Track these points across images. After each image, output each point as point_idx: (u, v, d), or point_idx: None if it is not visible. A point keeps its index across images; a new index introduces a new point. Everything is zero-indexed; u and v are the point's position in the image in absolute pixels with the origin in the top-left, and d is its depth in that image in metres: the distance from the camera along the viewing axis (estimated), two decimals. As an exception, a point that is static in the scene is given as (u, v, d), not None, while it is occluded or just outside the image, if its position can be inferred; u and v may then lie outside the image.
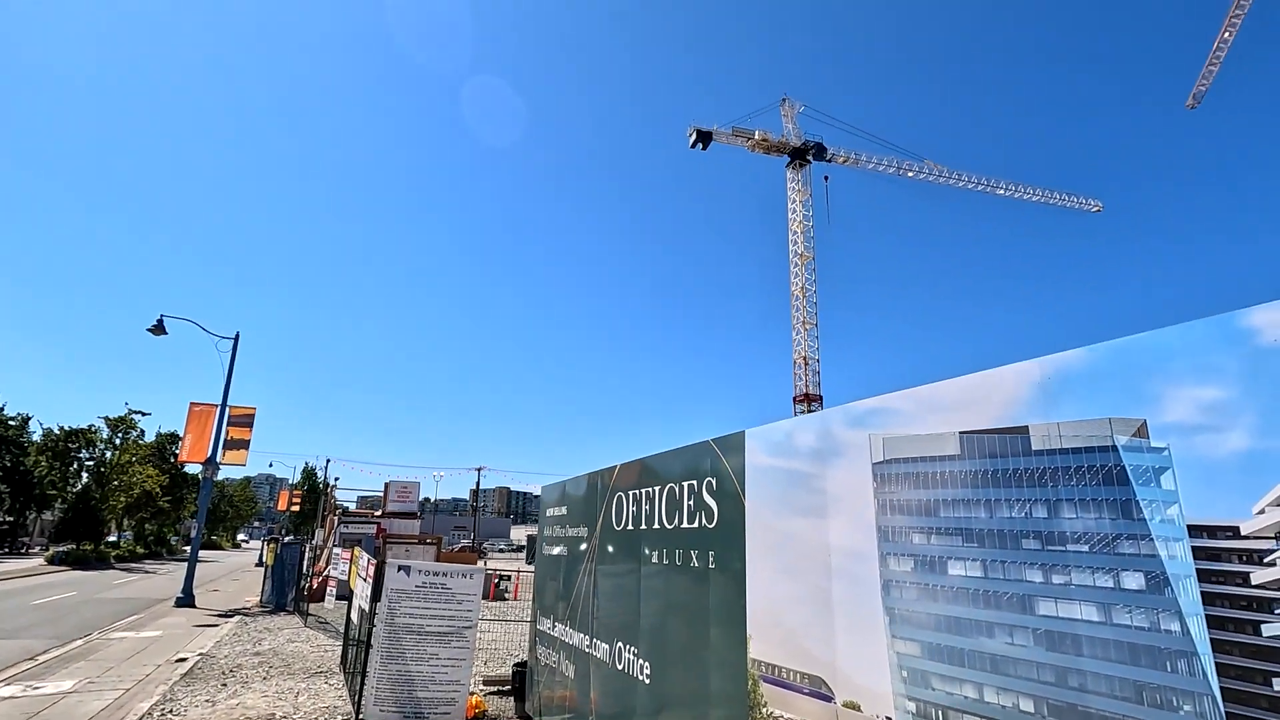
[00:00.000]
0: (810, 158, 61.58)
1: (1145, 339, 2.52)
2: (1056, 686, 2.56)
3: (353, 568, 12.04)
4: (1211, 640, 2.19)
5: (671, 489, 5.84)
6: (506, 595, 28.63)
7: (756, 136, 60.24)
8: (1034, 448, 2.80)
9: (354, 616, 11.32)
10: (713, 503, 5.15)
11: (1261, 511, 2.10)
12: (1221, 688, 2.14)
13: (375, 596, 9.14)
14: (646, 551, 6.10)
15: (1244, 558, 2.12)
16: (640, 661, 5.95)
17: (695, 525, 5.34)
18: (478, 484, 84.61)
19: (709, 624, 4.89)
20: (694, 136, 59.47)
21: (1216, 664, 2.16)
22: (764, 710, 4.15)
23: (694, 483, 5.48)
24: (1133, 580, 2.39)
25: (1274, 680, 2.04)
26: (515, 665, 10.64)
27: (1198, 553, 2.24)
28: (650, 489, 6.27)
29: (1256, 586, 2.11)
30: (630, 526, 6.61)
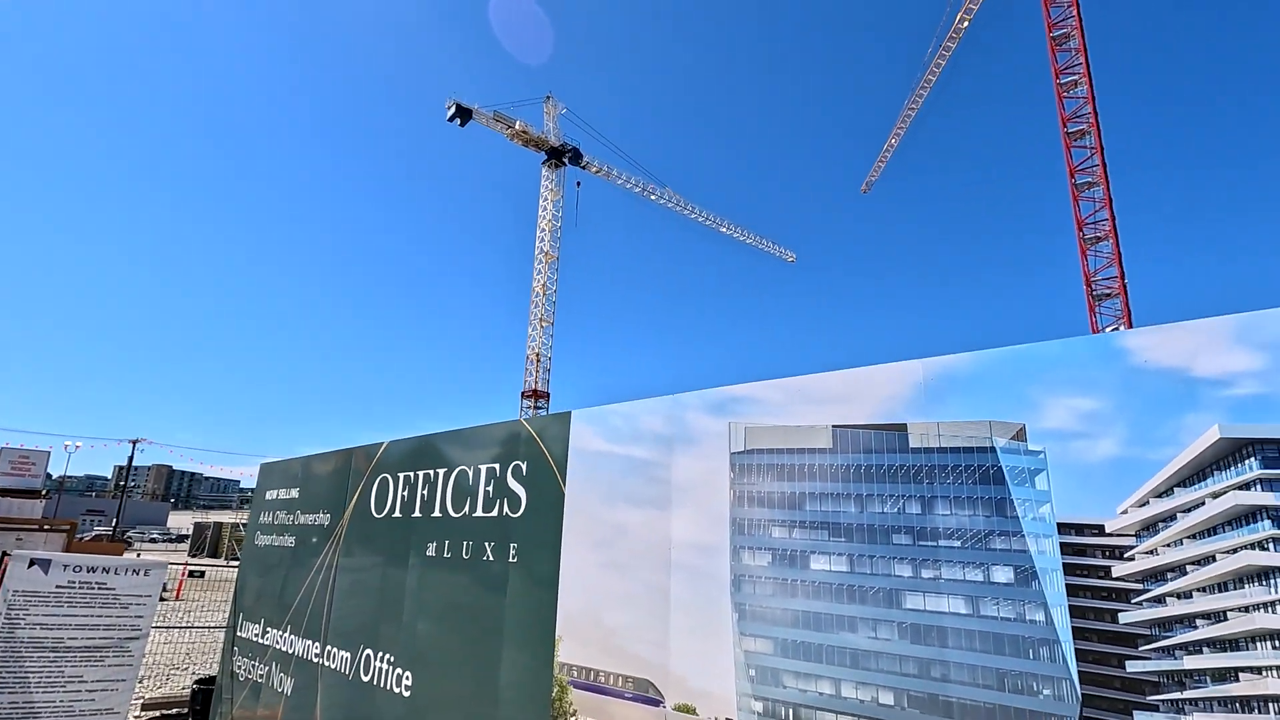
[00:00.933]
0: (566, 160, 62.78)
1: (1029, 349, 2.72)
2: (919, 678, 2.64)
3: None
4: (1073, 629, 2.40)
5: (462, 472, 5.12)
6: (166, 596, 23.81)
7: (517, 126, 59.62)
8: (912, 445, 2.88)
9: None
10: (520, 489, 4.60)
11: (1125, 511, 2.35)
12: (1080, 672, 2.35)
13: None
14: (420, 543, 5.27)
15: (1107, 553, 2.37)
16: (398, 671, 5.10)
17: (494, 514, 4.73)
18: (130, 459, 69.61)
19: (503, 625, 4.33)
20: (453, 110, 56.64)
21: (1076, 650, 2.37)
22: (571, 718, 3.76)
23: (495, 466, 4.86)
24: (1002, 574, 2.55)
25: (1127, 663, 2.29)
26: (196, 683, 8.64)
27: (1065, 548, 2.45)
28: (430, 472, 5.45)
29: (1117, 579, 2.35)
30: (398, 514, 5.69)
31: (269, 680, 6.70)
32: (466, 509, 4.98)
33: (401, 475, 5.81)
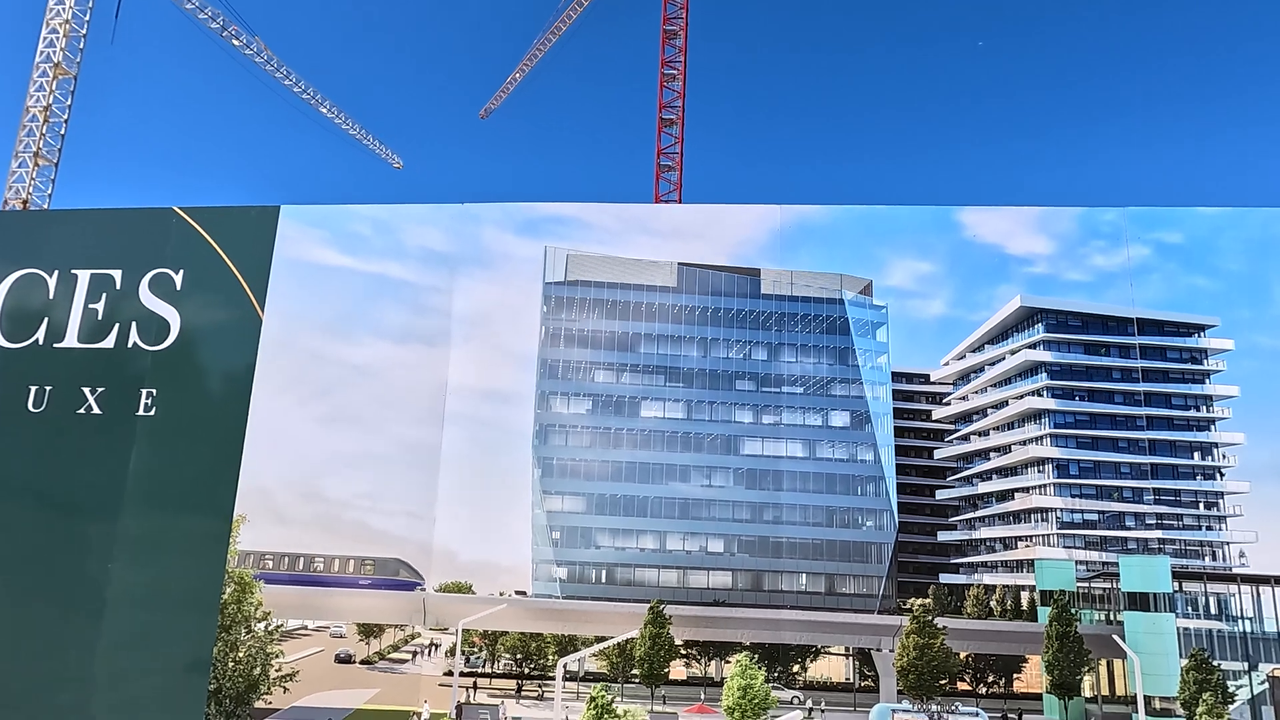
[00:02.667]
0: None
1: (882, 211, 2.79)
2: (751, 523, 2.70)
3: None
4: (897, 465, 2.71)
5: (30, 279, 3.07)
6: None
7: None
8: (764, 291, 2.75)
9: None
10: (168, 310, 2.99)
11: (946, 364, 2.69)
12: (898, 503, 2.70)
13: None
14: None
15: (930, 399, 2.70)
16: None
17: (106, 344, 3.00)
18: None
19: (120, 507, 2.89)
20: None
21: (897, 484, 2.70)
22: (259, 624, 2.80)
23: (114, 274, 3.04)
24: (840, 418, 2.71)
25: (937, 491, 2.71)
26: None
27: (895, 395, 2.71)
28: None
29: (935, 421, 2.72)
30: None
31: None
32: (39, 337, 3.07)
33: None
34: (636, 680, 2.77)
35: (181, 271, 3.08)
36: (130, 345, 3.01)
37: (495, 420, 2.55)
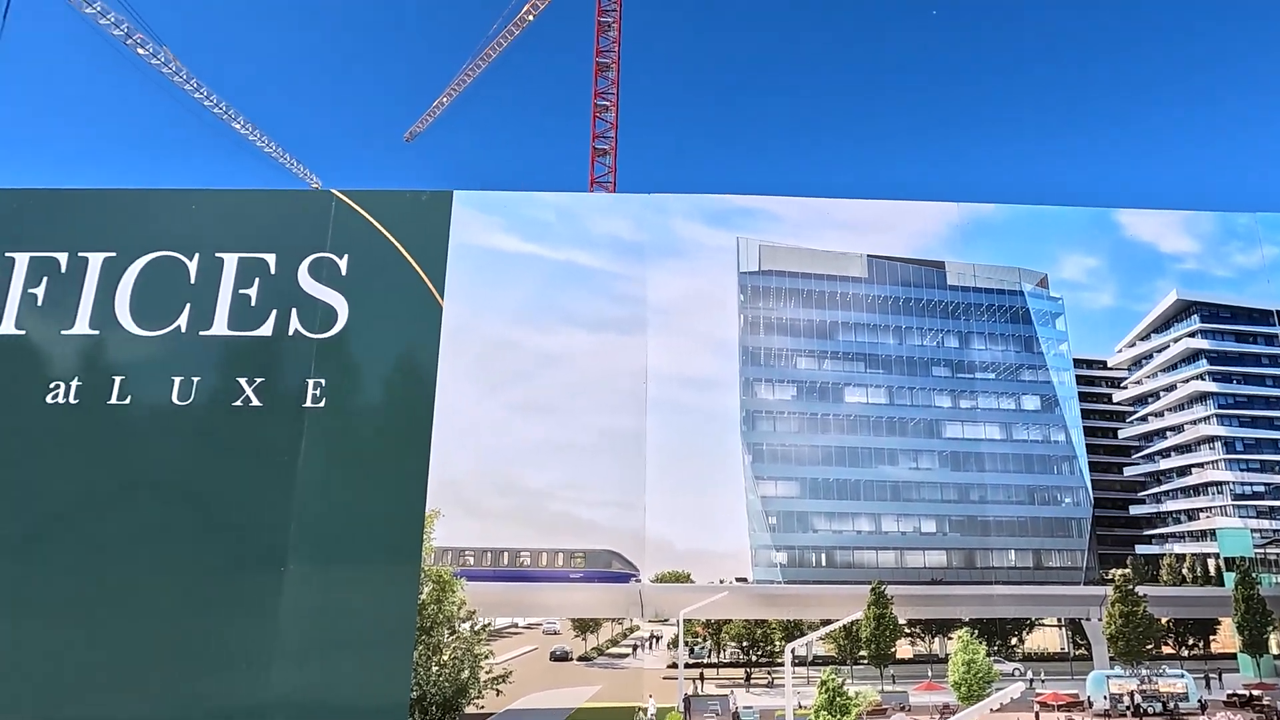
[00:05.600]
0: None
1: (1050, 211, 2.94)
2: (959, 503, 2.79)
3: None
4: (1086, 445, 2.88)
5: (171, 263, 2.77)
6: None
7: None
8: (949, 282, 2.83)
9: None
10: (334, 296, 2.75)
11: (1120, 350, 2.86)
12: (1091, 480, 2.86)
13: None
14: (59, 376, 2.74)
15: (1108, 383, 2.86)
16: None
17: (262, 332, 2.75)
18: None
19: (291, 502, 2.64)
20: None
21: (1089, 463, 2.87)
22: (463, 624, 2.68)
23: (268, 258, 2.77)
24: (1031, 402, 2.83)
25: (1125, 469, 2.89)
26: None
27: (1079, 379, 2.87)
28: (88, 257, 2.83)
29: (1116, 404, 2.89)
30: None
31: None
32: (181, 324, 2.79)
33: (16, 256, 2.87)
34: (864, 661, 2.79)
35: (346, 257, 2.87)
36: (292, 333, 2.80)
37: (698, 407, 2.48)
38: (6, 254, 2.90)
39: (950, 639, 2.94)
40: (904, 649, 3.13)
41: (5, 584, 2.56)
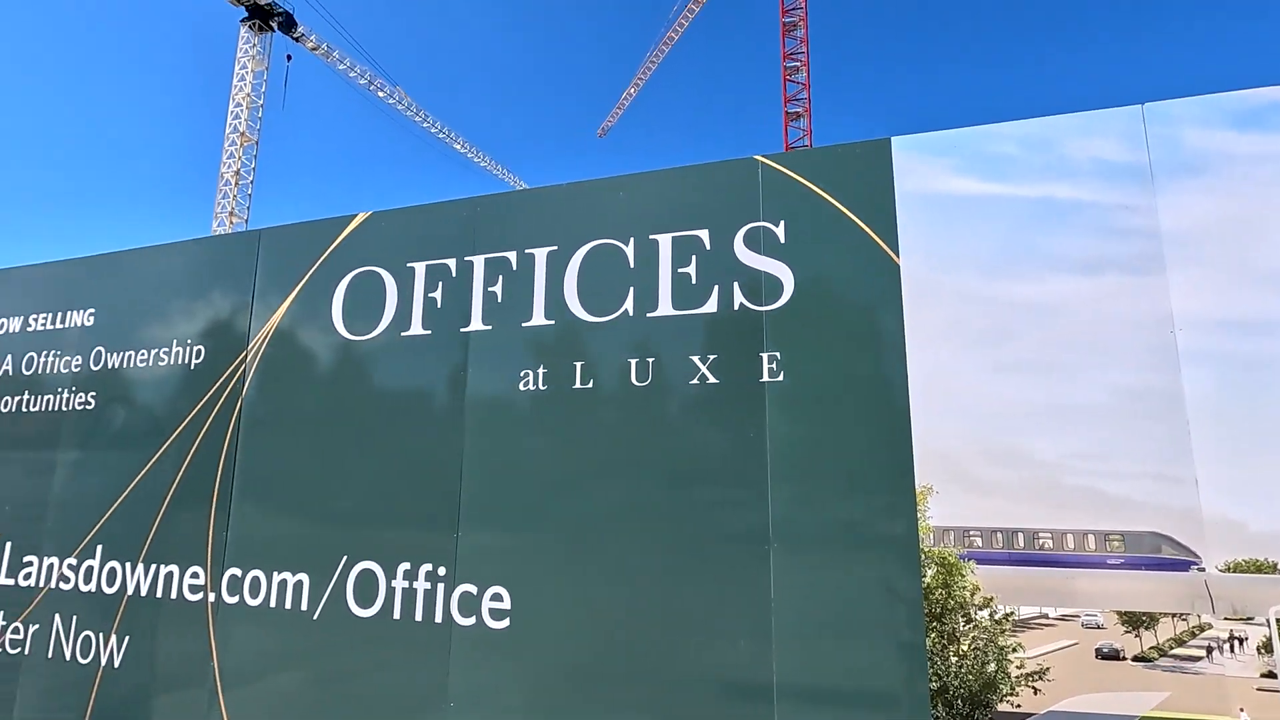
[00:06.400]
0: (275, 25, 46.38)
1: None
2: None
3: None
4: None
5: (604, 250, 2.88)
6: None
7: None
8: None
9: None
10: (777, 265, 2.65)
11: None
12: None
13: None
14: (497, 365, 3.01)
15: None
16: (464, 589, 2.98)
17: (706, 309, 2.74)
18: None
19: (765, 479, 2.57)
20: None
21: None
22: (980, 612, 2.39)
23: (700, 234, 2.77)
24: None
25: None
26: None
27: None
28: (512, 256, 3.06)
29: None
30: (420, 329, 3.20)
31: (44, 646, 3.69)
32: (628, 306, 2.87)
33: (425, 265, 3.24)
34: None
35: (782, 223, 2.70)
36: (737, 308, 2.69)
37: (1253, 355, 2.04)
38: (466, 258, 3.13)
39: None
40: None
41: (522, 559, 2.74)
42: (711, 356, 2.69)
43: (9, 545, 3.86)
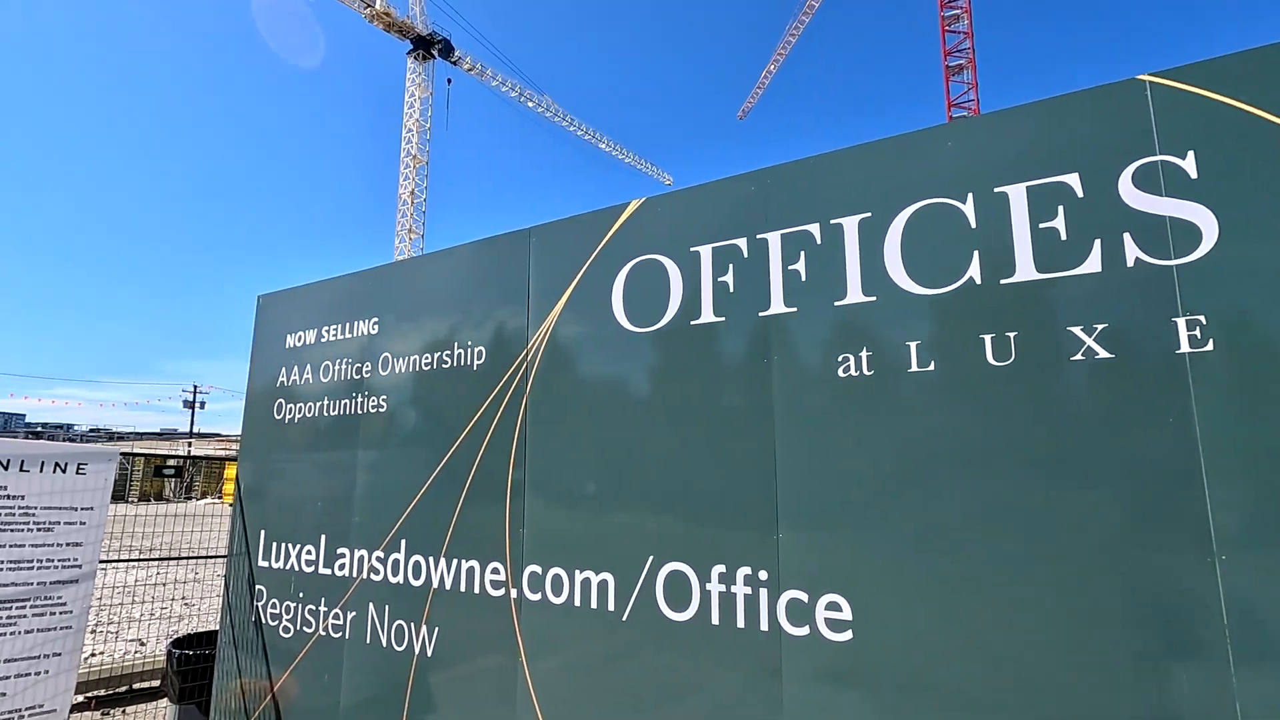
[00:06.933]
0: (435, 53, 52.23)
1: None
2: None
3: None
4: None
5: (942, 209, 2.51)
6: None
7: (378, 6, 47.91)
8: None
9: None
10: (1179, 206, 2.15)
11: None
12: None
13: None
14: (825, 349, 2.70)
15: None
16: (796, 596, 2.69)
17: (1084, 269, 2.28)
18: None
19: (1198, 473, 2.04)
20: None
21: None
22: None
23: (1069, 179, 2.29)
24: None
25: None
26: (172, 644, 5.38)
27: None
28: (838, 223, 2.76)
29: None
30: (712, 316, 2.99)
31: (362, 631, 3.94)
32: (973, 274, 2.46)
33: (711, 248, 3.02)
34: None
35: (1190, 154, 2.15)
36: (1131, 263, 2.19)
37: None
38: (759, 236, 2.85)
39: None
40: None
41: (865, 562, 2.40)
42: (1099, 326, 2.23)
43: (324, 538, 4.18)
